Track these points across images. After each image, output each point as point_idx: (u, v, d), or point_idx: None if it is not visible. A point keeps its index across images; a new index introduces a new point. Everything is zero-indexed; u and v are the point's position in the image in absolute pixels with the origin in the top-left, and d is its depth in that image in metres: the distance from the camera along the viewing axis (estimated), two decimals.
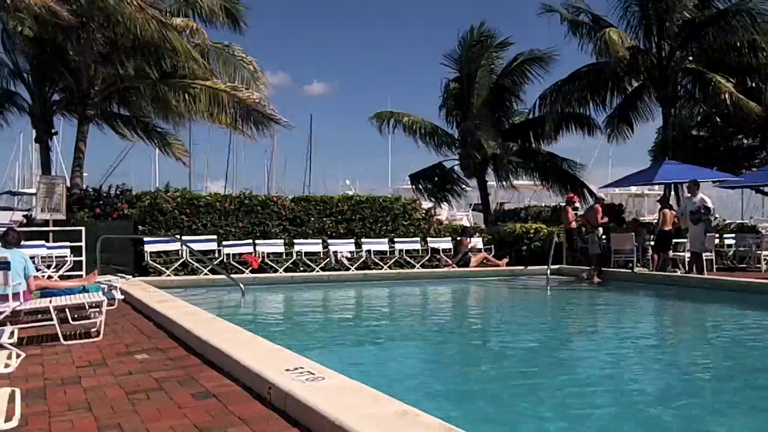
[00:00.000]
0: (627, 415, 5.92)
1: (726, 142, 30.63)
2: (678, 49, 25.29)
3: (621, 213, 26.82)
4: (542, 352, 8.92)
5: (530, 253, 20.06)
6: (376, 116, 28.51)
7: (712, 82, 23.42)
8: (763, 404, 6.36)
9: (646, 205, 53.10)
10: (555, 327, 11.68)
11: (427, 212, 21.71)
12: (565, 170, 28.78)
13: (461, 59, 28.09)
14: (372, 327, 11.18)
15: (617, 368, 8.01)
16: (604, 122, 28.03)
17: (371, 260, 18.58)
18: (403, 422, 3.78)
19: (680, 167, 21.92)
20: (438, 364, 8.30)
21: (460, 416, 5.36)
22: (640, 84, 27.14)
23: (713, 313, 13.25)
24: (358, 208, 19.69)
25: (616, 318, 13.00)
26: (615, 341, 10.05)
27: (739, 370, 7.91)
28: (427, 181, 29.31)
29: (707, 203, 16.76)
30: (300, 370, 5.02)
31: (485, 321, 12.66)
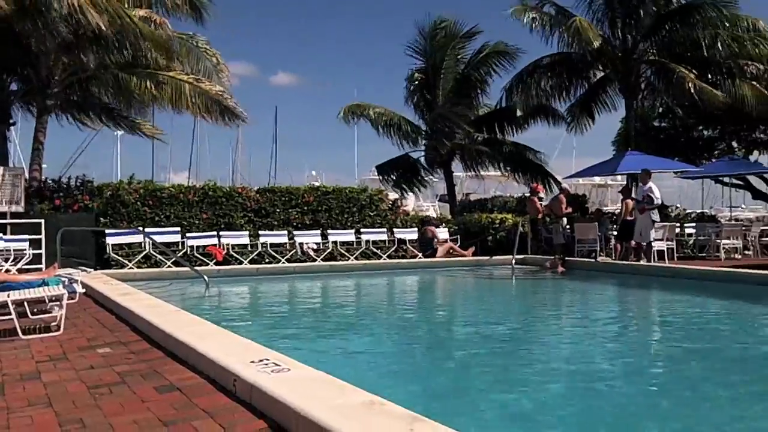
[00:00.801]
0: (590, 397, 6.02)
1: (687, 134, 31.04)
2: (642, 42, 25.54)
3: (585, 203, 27.13)
4: (507, 341, 8.94)
5: (496, 243, 20.17)
6: (343, 113, 28.36)
7: (677, 72, 23.67)
8: (717, 384, 6.50)
9: (610, 195, 53.72)
10: (519, 316, 11.73)
11: (393, 203, 21.71)
12: (530, 160, 28.93)
13: (426, 49, 28.06)
14: (338, 318, 11.16)
15: (580, 354, 8.09)
16: (566, 112, 28.25)
17: (338, 251, 18.54)
18: (370, 412, 3.75)
19: (642, 158, 22.14)
20: (404, 354, 8.28)
21: (426, 404, 5.34)
22: (604, 75, 27.37)
23: (673, 300, 13.45)
24: (325, 199, 19.62)
25: (579, 306, 13.15)
26: (578, 329, 10.17)
27: (695, 354, 8.10)
28: (393, 171, 29.27)
29: (653, 193, 16.91)
30: (265, 361, 4.97)
31: (451, 310, 12.71)
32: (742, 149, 32.07)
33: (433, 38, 27.72)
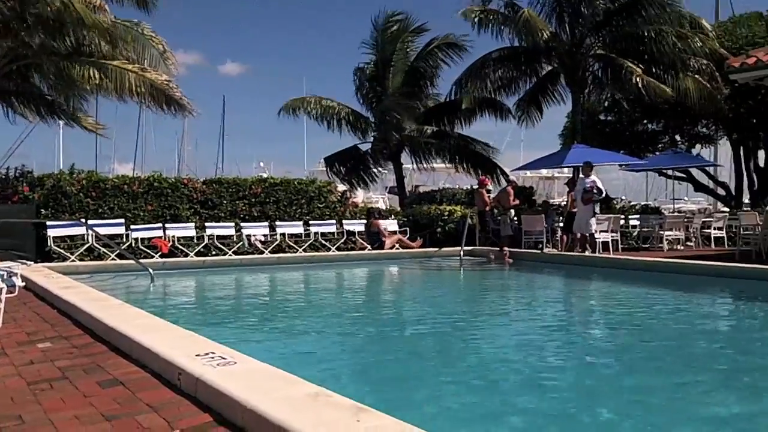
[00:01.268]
0: (534, 386, 6.08)
1: (632, 127, 31.51)
2: (589, 36, 25.86)
3: (532, 195, 27.43)
4: (454, 332, 9.00)
5: (444, 235, 20.27)
6: (288, 106, 28.13)
7: (624, 67, 24.02)
8: (659, 371, 6.63)
9: (556, 188, 54.37)
10: (467, 306, 11.83)
11: (342, 195, 21.67)
12: (478, 153, 29.14)
13: (377, 42, 28.06)
14: (286, 311, 11.10)
15: (524, 344, 8.15)
16: (515, 106, 28.50)
17: (286, 243, 18.44)
18: (316, 403, 3.74)
19: (588, 150, 22.43)
20: (352, 346, 8.27)
21: (373, 395, 5.35)
22: (552, 69, 27.66)
23: (616, 290, 13.67)
24: (272, 190, 19.50)
25: (525, 296, 13.31)
26: (524, 319, 10.31)
27: (638, 341, 8.28)
28: (342, 163, 29.21)
29: (598, 185, 17.20)
30: (211, 355, 4.92)
31: (399, 302, 12.73)
32: (685, 143, 32.70)
33: (385, 31, 27.72)
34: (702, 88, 24.72)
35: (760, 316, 10.84)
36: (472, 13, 25.27)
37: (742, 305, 11.93)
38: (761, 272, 13.00)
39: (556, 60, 26.52)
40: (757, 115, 26.45)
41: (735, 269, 13.60)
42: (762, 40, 24.99)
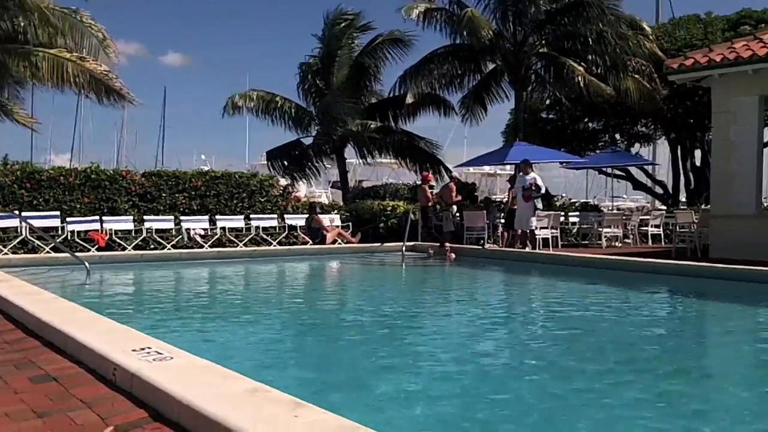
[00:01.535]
0: (475, 380, 6.18)
1: (573, 125, 31.99)
2: (532, 35, 26.13)
3: (474, 191, 27.66)
4: (393, 327, 9.01)
5: (387, 230, 20.30)
6: (232, 103, 27.81)
7: (566, 66, 24.32)
8: (595, 362, 6.80)
9: (499, 184, 54.86)
10: (408, 302, 11.85)
11: (284, 189, 21.55)
12: (422, 149, 29.23)
13: (324, 37, 27.93)
14: (225, 306, 10.99)
15: (466, 338, 8.27)
16: (459, 103, 28.67)
17: (226, 237, 18.28)
18: (254, 399, 3.70)
19: (530, 148, 22.70)
20: (291, 341, 8.24)
21: (312, 390, 5.33)
22: (495, 67, 27.88)
23: (555, 286, 13.91)
24: (213, 183, 19.32)
25: (466, 292, 13.41)
26: (464, 314, 10.40)
27: (571, 336, 8.42)
28: (285, 157, 29.00)
29: (538, 182, 17.44)
30: (147, 350, 4.84)
31: (340, 297, 12.72)
32: (625, 141, 33.35)
33: (333, 27, 27.61)
34: (641, 88, 25.22)
35: (691, 311, 11.17)
36: (412, 9, 25.28)
37: (675, 301, 12.24)
38: (696, 269, 13.34)
39: (500, 58, 26.75)
40: (694, 115, 27.07)
41: (671, 266, 13.91)
42: (700, 42, 25.60)
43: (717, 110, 16.54)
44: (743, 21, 27.91)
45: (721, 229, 15.99)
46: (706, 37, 26.87)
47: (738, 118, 15.86)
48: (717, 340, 8.94)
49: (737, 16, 28.80)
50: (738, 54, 15.61)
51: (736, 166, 15.83)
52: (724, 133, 16.26)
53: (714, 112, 16.68)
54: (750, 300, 11.26)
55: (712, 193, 17.18)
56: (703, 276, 12.84)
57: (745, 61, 15.32)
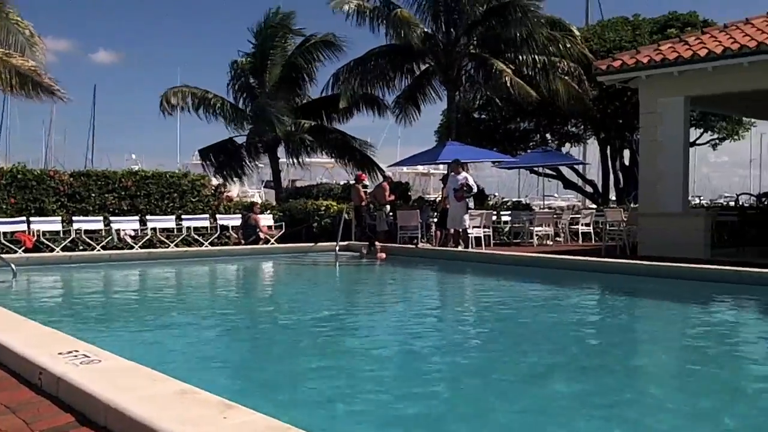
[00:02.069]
0: (411, 378, 6.23)
1: (505, 125, 32.36)
2: (463, 35, 26.36)
3: (407, 191, 27.79)
4: (326, 327, 9.00)
5: (321, 230, 20.24)
6: (167, 99, 27.36)
7: (495, 67, 24.59)
8: (524, 358, 6.88)
9: (432, 183, 55.26)
10: (341, 302, 11.88)
11: (216, 189, 21.32)
12: (355, 149, 29.25)
13: (259, 36, 27.69)
14: (155, 307, 10.83)
15: (396, 338, 8.31)
16: (393, 103, 28.75)
17: (157, 238, 17.99)
18: (182, 401, 3.66)
19: (462, 148, 22.91)
20: (223, 343, 8.15)
21: (242, 392, 5.29)
22: (427, 67, 28.05)
23: (487, 284, 14.07)
24: (144, 183, 19.00)
25: (398, 291, 13.50)
26: (395, 313, 10.48)
27: (507, 332, 8.63)
28: (217, 156, 28.66)
29: (469, 181, 17.64)
30: (75, 353, 4.74)
31: (272, 298, 12.66)
32: (555, 141, 33.91)
33: (268, 26, 27.40)
34: (571, 89, 25.65)
35: (617, 307, 11.42)
36: (343, 4, 25.22)
37: (604, 298, 12.55)
38: (624, 266, 13.64)
39: (432, 58, 26.92)
40: (623, 115, 27.64)
41: (600, 264, 14.18)
42: (628, 44, 26.17)
43: (644, 111, 16.92)
44: (670, 24, 28.65)
45: (649, 227, 16.37)
46: (634, 39, 27.48)
47: (664, 119, 16.25)
48: (639, 335, 9.19)
49: (664, 19, 29.55)
50: (664, 56, 16.00)
51: (662, 165, 16.22)
52: (651, 133, 16.64)
53: (641, 113, 17.07)
54: (675, 296, 11.58)
55: (640, 192, 17.57)
56: (631, 273, 13.14)
57: (671, 62, 15.71)
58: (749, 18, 16.41)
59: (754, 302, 11.05)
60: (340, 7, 25.14)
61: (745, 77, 15.05)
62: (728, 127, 32.12)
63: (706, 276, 12.11)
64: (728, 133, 32.87)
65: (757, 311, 10.79)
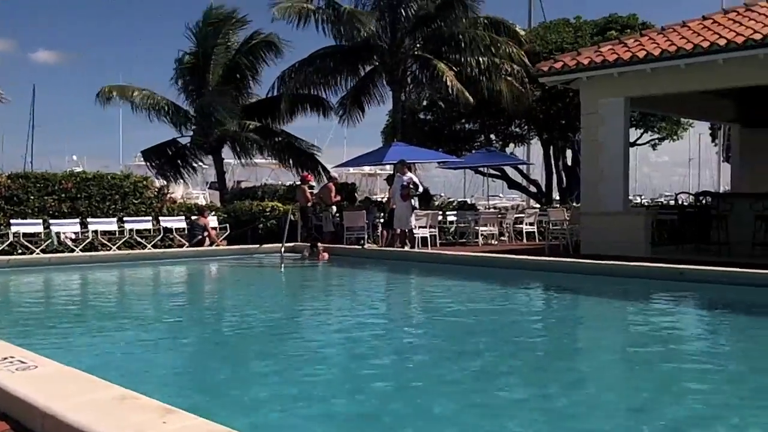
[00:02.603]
0: (355, 379, 6.23)
1: (450, 126, 32.57)
2: (408, 36, 26.46)
3: (354, 191, 27.77)
4: (270, 329, 8.96)
5: (266, 231, 20.09)
6: (103, 92, 26.89)
7: (437, 68, 24.73)
8: (466, 355, 6.98)
9: (378, 184, 55.34)
10: (286, 303, 11.83)
11: (159, 190, 21.03)
12: (301, 149, 29.14)
13: (199, 34, 27.40)
14: (96, 312, 10.62)
15: (340, 340, 8.29)
16: (337, 104, 28.70)
17: (98, 241, 17.67)
18: (122, 406, 3.59)
19: (408, 148, 22.98)
20: (165, 347, 8.02)
21: (185, 397, 5.23)
22: (372, 68, 28.08)
23: (432, 283, 14.20)
24: (85, 185, 18.66)
25: (344, 292, 13.49)
26: (343, 313, 10.43)
27: (453, 331, 8.67)
28: (160, 157, 28.30)
29: (415, 181, 17.74)
30: (10, 359, 4.62)
31: (216, 301, 12.56)
32: (500, 142, 34.25)
33: (208, 25, 27.13)
34: (514, 90, 25.93)
35: (560, 305, 11.70)
36: (285, 9, 25.09)
37: (546, 295, 12.80)
38: (566, 265, 13.81)
39: (377, 59, 26.96)
40: (565, 116, 28.05)
41: (543, 262, 14.36)
42: (570, 46, 26.54)
43: (585, 111, 17.16)
44: (610, 26, 29.18)
45: (590, 226, 16.60)
46: (576, 41, 27.88)
47: (605, 119, 16.50)
48: (580, 333, 9.35)
49: (605, 21, 30.08)
50: (604, 57, 16.25)
51: (604, 165, 16.46)
52: (593, 133, 16.89)
53: (582, 114, 17.31)
54: (616, 294, 11.79)
55: (582, 191, 17.81)
56: (573, 272, 13.30)
57: (611, 64, 15.97)
58: (686, 21, 16.77)
59: (693, 298, 11.34)
60: (282, 14, 25.03)
61: (682, 78, 15.39)
62: (667, 128, 32.87)
63: (647, 274, 12.34)
64: (668, 133, 33.65)
65: (695, 307, 11.08)
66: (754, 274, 11.12)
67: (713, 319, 10.18)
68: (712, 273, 11.66)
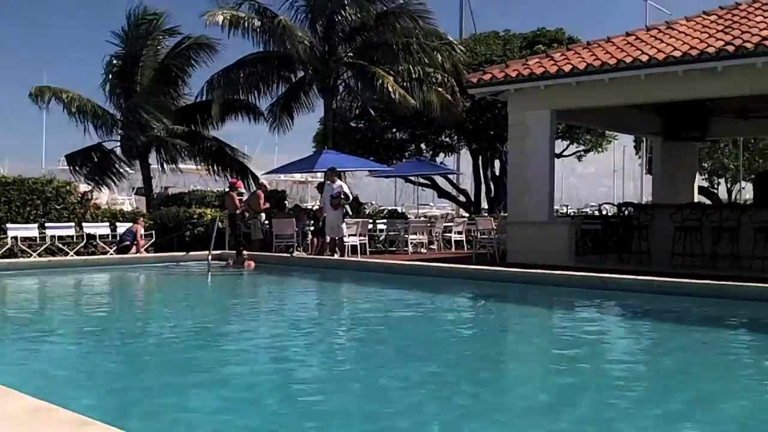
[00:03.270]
0: (282, 389, 6.29)
1: (381, 135, 32.68)
2: (341, 44, 26.48)
3: (283, 199, 27.60)
4: (190, 339, 8.85)
5: (194, 239, 19.83)
6: (33, 94, 26.18)
7: (376, 75, 24.71)
8: (391, 363, 7.06)
9: (310, 191, 55.15)
10: (208, 313, 11.64)
11: (83, 196, 20.57)
12: (230, 156, 28.85)
13: (127, 37, 26.91)
14: (12, 321, 10.32)
15: (272, 347, 8.28)
16: (267, 111, 28.50)
17: (18, 248, 17.19)
18: (35, 418, 3.51)
19: (338, 156, 22.96)
20: (84, 357, 7.85)
21: (103, 409, 5.14)
22: (304, 75, 28.00)
23: (360, 292, 14.31)
24: (4, 190, 18.16)
25: (270, 301, 13.46)
26: (270, 322, 10.46)
27: (374, 340, 8.79)
28: (86, 162, 27.65)
29: (345, 190, 17.78)
30: None
31: (139, 310, 12.34)
32: (430, 151, 34.50)
33: (136, 27, 26.66)
34: (445, 100, 26.16)
35: (485, 312, 11.95)
36: (215, 16, 24.84)
37: (473, 303, 12.99)
38: (493, 273, 14.02)
39: (309, 66, 26.90)
40: (494, 127, 28.37)
41: (469, 271, 14.54)
42: (499, 58, 26.93)
43: (513, 123, 17.45)
44: (538, 39, 29.71)
45: (517, 236, 16.85)
46: (505, 54, 28.31)
47: (531, 131, 16.80)
48: (503, 340, 9.53)
49: (533, 35, 30.63)
50: (531, 70, 16.56)
51: (530, 175, 16.75)
52: (519, 144, 17.18)
53: (510, 125, 17.60)
54: (540, 302, 12.03)
55: (509, 201, 18.09)
56: (500, 280, 13.55)
57: (538, 77, 16.29)
58: (610, 37, 17.21)
59: (615, 306, 11.64)
60: (212, 21, 24.76)
61: (606, 92, 15.78)
62: (593, 140, 33.65)
63: (568, 282, 12.62)
64: (593, 145, 34.45)
65: (616, 314, 11.37)
66: (672, 282, 11.49)
67: (629, 326, 10.60)
68: (629, 282, 12.01)
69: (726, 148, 40.93)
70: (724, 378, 6.90)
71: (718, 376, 7.00)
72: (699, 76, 14.53)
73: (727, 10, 17.14)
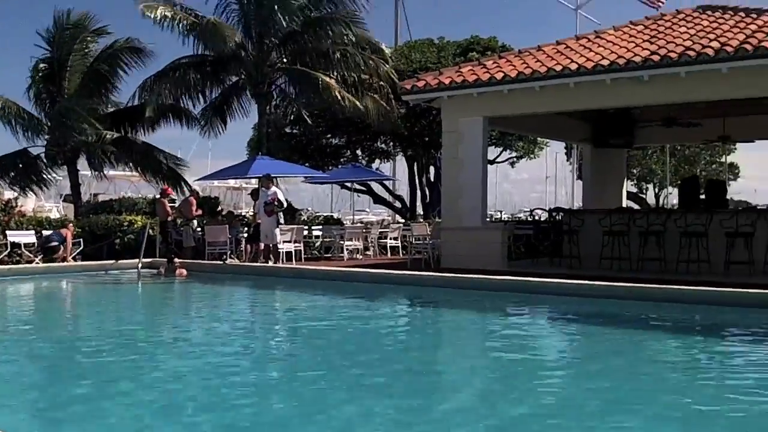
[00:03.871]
0: (204, 400, 6.13)
1: (316, 141, 32.55)
2: (276, 49, 26.29)
3: (216, 205, 27.26)
4: (118, 350, 8.62)
5: (124, 246, 19.40)
6: None
7: (320, 80, 24.51)
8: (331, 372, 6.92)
9: (244, 198, 54.66)
10: (143, 322, 11.45)
11: (7, 203, 19.97)
12: (162, 162, 28.35)
13: (54, 40, 26.24)
14: None
15: (202, 357, 8.13)
16: (199, 115, 28.11)
17: None
18: None
19: (273, 162, 22.77)
20: (6, 373, 7.56)
21: (28, 424, 4.96)
22: (237, 80, 27.73)
23: (295, 299, 14.18)
24: None
25: (203, 309, 13.23)
26: (201, 332, 10.26)
27: (308, 349, 8.74)
28: (10, 168, 26.83)
29: (279, 196, 17.67)
30: None
31: (66, 321, 12.05)
32: (366, 157, 34.49)
33: (64, 30, 26.03)
34: (380, 106, 26.19)
35: (419, 317, 12.18)
36: (152, 9, 24.44)
37: (408, 308, 13.15)
38: (427, 279, 14.11)
39: (243, 71, 26.66)
40: (428, 133, 28.51)
41: (403, 276, 14.63)
42: (433, 65, 27.08)
43: (446, 129, 17.56)
44: (472, 47, 29.98)
45: (451, 241, 16.95)
46: (439, 61, 28.46)
47: (465, 138, 16.93)
48: (437, 344, 9.59)
49: (467, 43, 30.90)
50: (464, 78, 16.69)
51: (463, 181, 16.87)
52: (453, 151, 17.29)
53: (444, 131, 17.71)
54: (473, 306, 12.11)
55: (443, 206, 18.19)
56: (433, 285, 13.62)
57: (470, 84, 16.43)
58: (541, 45, 17.47)
59: (546, 309, 11.80)
60: (148, 11, 24.34)
61: (536, 100, 16.01)
62: (525, 146, 34.10)
63: (499, 286, 12.75)
64: (525, 151, 34.92)
65: (547, 317, 11.53)
66: (600, 286, 11.71)
67: (556, 328, 10.83)
68: (558, 285, 12.22)
69: (654, 154, 41.96)
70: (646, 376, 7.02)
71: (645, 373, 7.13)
72: (626, 84, 14.85)
73: (653, 20, 17.60)
